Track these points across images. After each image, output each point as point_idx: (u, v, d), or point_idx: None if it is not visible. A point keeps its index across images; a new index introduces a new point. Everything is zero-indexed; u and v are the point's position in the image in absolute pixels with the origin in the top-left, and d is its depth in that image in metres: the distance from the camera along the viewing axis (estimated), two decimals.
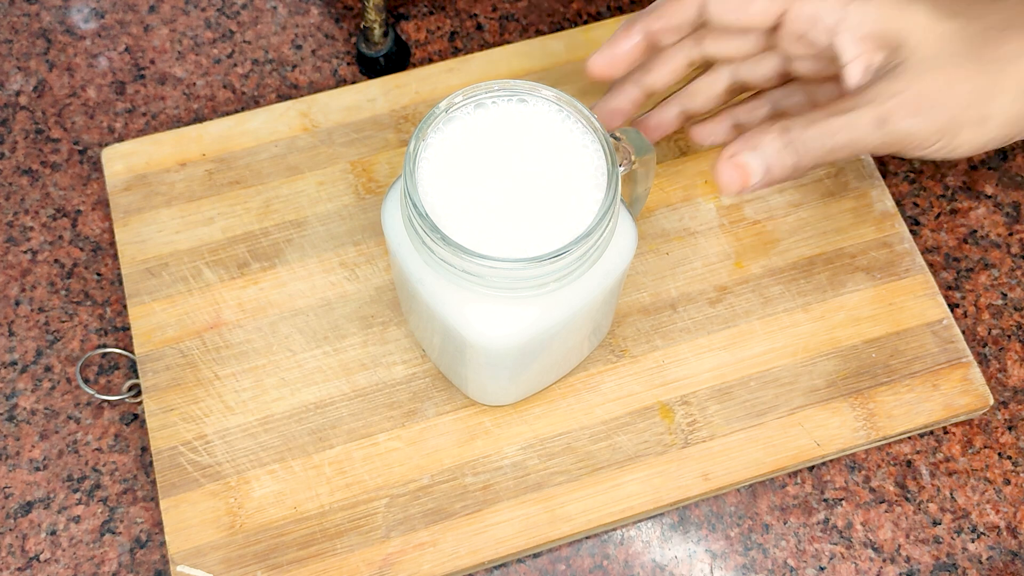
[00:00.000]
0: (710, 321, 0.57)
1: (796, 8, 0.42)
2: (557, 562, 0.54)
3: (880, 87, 0.40)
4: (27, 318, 0.59)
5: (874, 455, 0.57)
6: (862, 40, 0.41)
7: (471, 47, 0.67)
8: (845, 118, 0.40)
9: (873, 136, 0.40)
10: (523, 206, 0.46)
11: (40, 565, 0.54)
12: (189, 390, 0.55)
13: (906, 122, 0.40)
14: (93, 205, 0.62)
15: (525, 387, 0.54)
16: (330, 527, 0.53)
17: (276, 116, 0.62)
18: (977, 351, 0.59)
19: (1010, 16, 0.41)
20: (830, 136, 0.40)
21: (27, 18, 0.68)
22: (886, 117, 0.40)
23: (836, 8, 0.41)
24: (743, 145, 0.41)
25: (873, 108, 0.40)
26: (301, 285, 0.58)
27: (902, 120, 0.40)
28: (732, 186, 0.41)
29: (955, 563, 0.54)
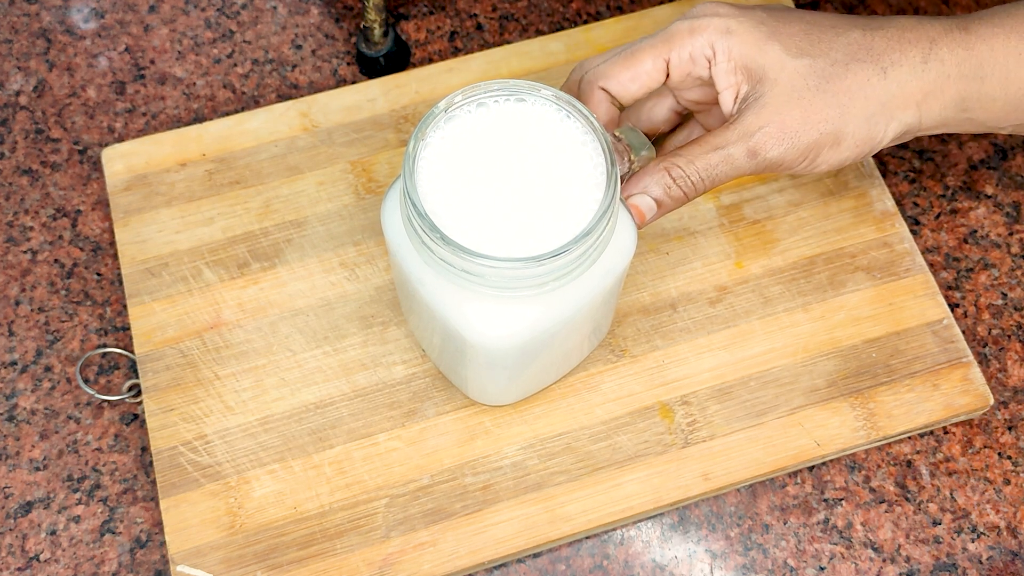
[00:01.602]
0: (710, 321, 0.57)
1: (675, 55, 0.48)
2: (557, 562, 0.54)
3: (748, 121, 0.47)
4: (27, 318, 0.59)
5: (874, 455, 0.57)
6: (732, 72, 0.47)
7: (471, 47, 0.67)
8: (722, 153, 0.47)
9: (747, 165, 0.47)
10: (523, 205, 0.46)
11: (40, 565, 0.54)
12: (189, 390, 0.56)
13: (773, 151, 0.47)
14: (93, 205, 0.62)
15: (525, 387, 0.54)
16: (330, 527, 0.53)
17: (276, 116, 0.62)
18: (977, 351, 0.59)
19: (851, 51, 0.47)
20: (711, 170, 0.47)
21: (27, 18, 0.68)
22: (756, 149, 0.47)
23: (705, 43, 0.48)
24: (635, 188, 0.48)
25: (744, 142, 0.47)
26: (301, 285, 0.58)
27: (770, 150, 0.47)
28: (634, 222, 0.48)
29: (955, 563, 0.54)
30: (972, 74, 0.47)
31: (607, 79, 0.49)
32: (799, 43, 0.47)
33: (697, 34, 0.47)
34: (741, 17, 0.48)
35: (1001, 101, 0.48)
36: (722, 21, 0.47)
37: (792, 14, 0.48)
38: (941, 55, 0.47)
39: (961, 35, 0.47)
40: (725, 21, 0.47)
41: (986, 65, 0.47)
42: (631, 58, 0.48)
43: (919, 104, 0.48)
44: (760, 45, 0.47)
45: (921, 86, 0.47)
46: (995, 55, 0.47)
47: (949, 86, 0.47)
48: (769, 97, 0.47)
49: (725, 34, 0.47)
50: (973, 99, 0.48)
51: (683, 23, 0.48)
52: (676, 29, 0.48)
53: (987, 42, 0.47)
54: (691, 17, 0.48)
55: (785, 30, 0.47)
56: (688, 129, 0.56)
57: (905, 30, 0.47)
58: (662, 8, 0.65)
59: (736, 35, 0.47)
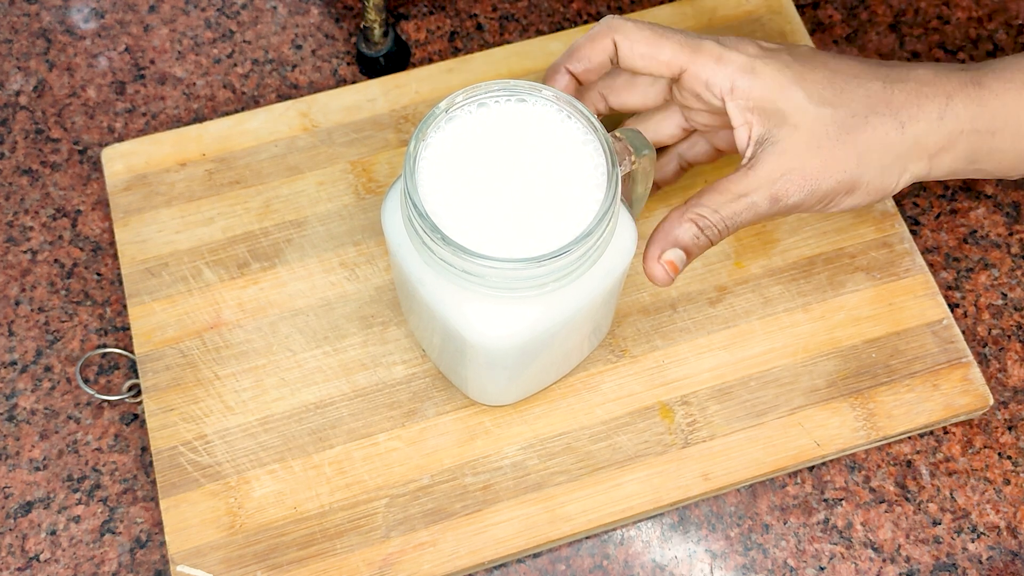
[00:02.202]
0: (710, 321, 0.57)
1: (693, 69, 0.48)
2: (557, 562, 0.54)
3: (769, 167, 0.47)
4: (27, 318, 0.59)
5: (874, 455, 0.57)
6: (748, 111, 0.48)
7: (471, 47, 0.67)
8: (746, 201, 0.47)
9: (769, 210, 0.48)
10: (523, 206, 0.46)
11: (40, 565, 0.54)
12: (189, 390, 0.55)
13: (794, 197, 0.48)
14: (93, 205, 0.62)
15: (525, 387, 0.54)
16: (330, 527, 0.53)
17: (276, 116, 0.62)
18: (977, 351, 0.59)
19: (871, 103, 0.48)
20: (735, 217, 0.48)
21: (27, 18, 0.68)
22: (778, 196, 0.48)
23: (726, 78, 0.48)
24: (664, 243, 0.48)
25: (767, 189, 0.47)
26: (301, 285, 0.58)
27: (791, 197, 0.48)
28: (665, 279, 0.48)
29: (955, 563, 0.54)
30: (985, 128, 0.48)
31: (624, 37, 0.49)
32: (822, 91, 0.48)
33: (722, 64, 0.48)
34: (767, 59, 0.48)
35: (1011, 154, 0.49)
36: (748, 61, 0.48)
37: (816, 59, 0.49)
38: (956, 111, 0.48)
39: (975, 90, 0.48)
40: (751, 61, 0.48)
41: (998, 120, 0.48)
42: (658, 38, 0.49)
43: (932, 156, 0.49)
44: (783, 90, 0.48)
45: (936, 140, 0.48)
46: (1007, 110, 0.48)
47: (962, 140, 0.48)
48: (789, 143, 0.47)
49: (749, 73, 0.48)
50: (984, 152, 0.49)
51: (714, 47, 0.48)
52: (707, 48, 0.48)
53: (1000, 97, 0.48)
54: (722, 44, 0.49)
55: (809, 76, 0.48)
56: (692, 140, 0.56)
57: (923, 84, 0.48)
58: (662, 8, 0.65)
59: (760, 77, 0.48)
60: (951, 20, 0.68)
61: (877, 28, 0.68)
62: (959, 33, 0.68)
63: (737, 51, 0.48)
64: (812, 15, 0.68)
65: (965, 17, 0.68)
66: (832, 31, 0.68)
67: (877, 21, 0.68)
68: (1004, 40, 0.68)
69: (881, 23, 0.68)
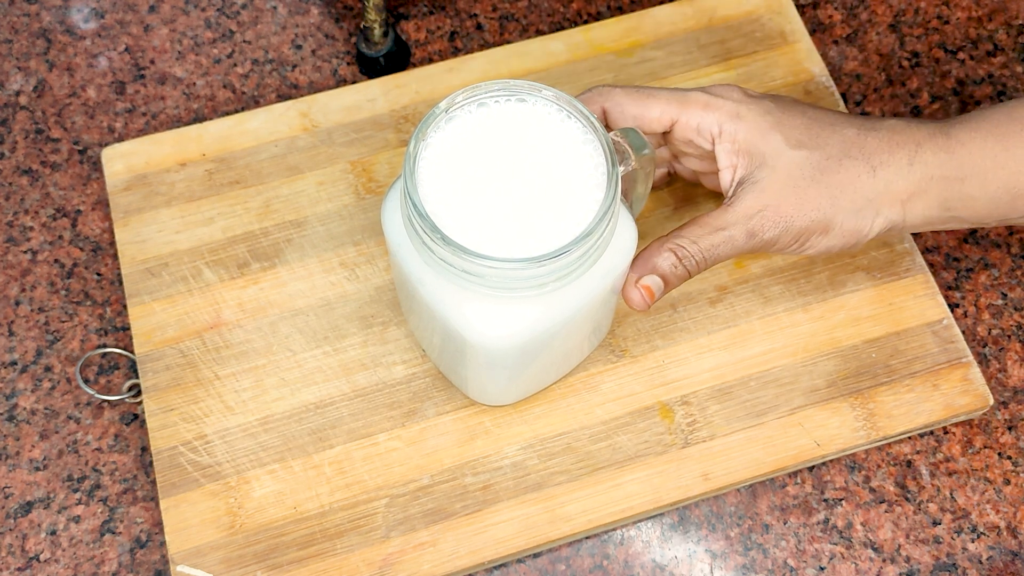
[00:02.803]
0: (710, 321, 0.57)
1: (683, 119, 0.51)
2: (557, 562, 0.54)
3: (747, 203, 0.50)
4: (27, 318, 0.59)
5: (874, 455, 0.57)
6: (734, 154, 0.51)
7: (471, 47, 0.67)
8: (724, 235, 0.50)
9: (746, 245, 0.50)
10: (523, 206, 0.46)
11: (40, 565, 0.54)
12: (189, 390, 0.55)
13: (769, 233, 0.50)
14: (93, 205, 0.62)
15: (525, 387, 0.54)
16: (330, 527, 0.53)
17: (276, 116, 0.62)
18: (977, 351, 0.59)
19: (845, 147, 0.50)
20: (713, 250, 0.50)
21: (27, 18, 0.68)
22: (754, 231, 0.50)
23: (715, 122, 0.51)
24: (643, 269, 0.50)
25: (744, 224, 0.50)
26: (301, 285, 0.58)
27: (766, 232, 0.50)
28: (641, 304, 0.51)
29: (955, 563, 0.54)
30: (953, 175, 0.50)
31: (614, 103, 0.52)
32: (799, 135, 0.50)
33: (711, 110, 0.51)
34: (751, 104, 0.51)
35: (982, 200, 0.50)
36: (734, 106, 0.51)
37: (796, 107, 0.52)
38: (925, 158, 0.50)
39: (943, 139, 0.50)
40: (736, 106, 0.51)
41: (966, 167, 0.50)
42: (645, 98, 0.52)
43: (904, 203, 0.50)
44: (764, 133, 0.50)
45: (907, 186, 0.50)
46: (973, 158, 0.50)
47: (932, 187, 0.50)
48: (767, 183, 0.50)
49: (734, 118, 0.51)
50: (955, 199, 0.50)
51: (701, 95, 0.51)
52: (694, 98, 0.51)
53: (966, 146, 0.50)
54: (709, 92, 0.52)
55: (788, 122, 0.51)
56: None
57: (895, 132, 0.51)
58: (662, 8, 0.65)
59: (744, 121, 0.51)
60: (951, 20, 0.68)
61: (877, 28, 0.68)
62: (959, 33, 0.68)
63: (723, 98, 0.51)
64: (812, 15, 0.68)
65: (965, 17, 0.68)
66: (832, 31, 0.68)
67: (877, 21, 0.68)
68: (1004, 40, 0.68)
69: (881, 23, 0.68)
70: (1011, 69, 0.67)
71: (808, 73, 0.64)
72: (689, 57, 0.64)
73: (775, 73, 0.64)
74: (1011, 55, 0.67)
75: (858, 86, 0.66)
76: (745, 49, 0.64)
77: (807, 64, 0.64)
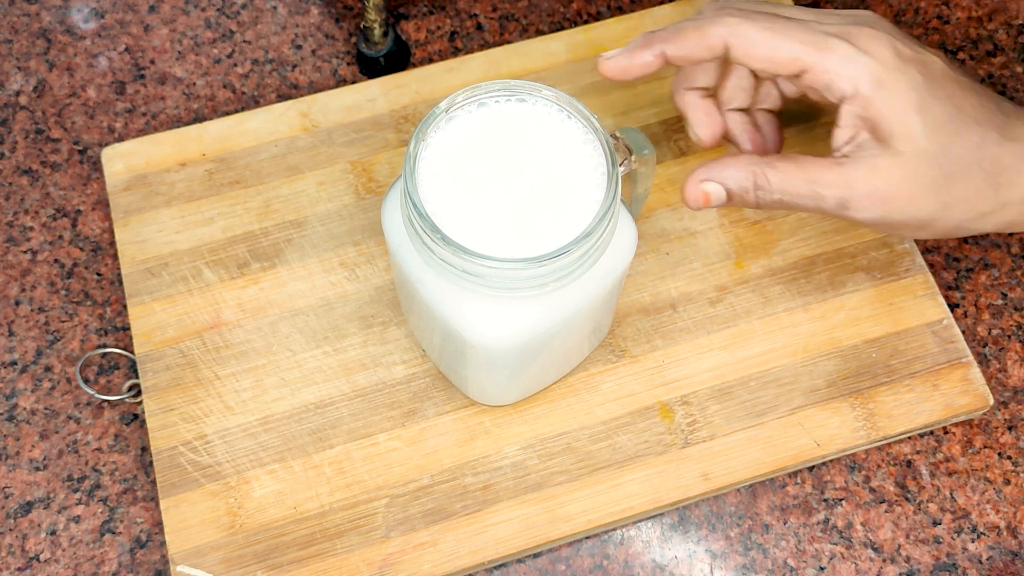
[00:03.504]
0: (710, 321, 0.57)
1: (816, 71, 0.46)
2: (557, 562, 0.54)
3: (855, 175, 0.46)
4: (27, 318, 0.59)
5: (874, 455, 0.57)
6: (861, 119, 0.46)
7: (471, 47, 0.67)
8: (815, 190, 0.46)
9: (830, 210, 0.47)
10: (523, 206, 0.46)
11: (40, 565, 0.54)
12: (189, 390, 0.56)
13: (863, 214, 0.47)
14: (93, 205, 0.62)
15: (525, 387, 0.54)
16: (330, 527, 0.53)
17: (276, 116, 0.62)
18: (977, 351, 0.59)
19: (978, 156, 0.46)
20: (794, 198, 0.46)
21: (27, 18, 0.68)
22: (848, 204, 0.46)
23: (850, 83, 0.46)
24: (715, 175, 0.47)
25: (841, 191, 0.46)
26: (301, 285, 0.58)
27: (860, 212, 0.46)
28: (695, 203, 0.48)
29: (955, 563, 0.54)
30: None
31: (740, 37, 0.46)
32: (939, 127, 0.46)
33: (851, 66, 0.45)
34: (899, 72, 0.45)
35: None
36: (879, 70, 0.45)
37: (946, 85, 0.46)
38: None
39: None
40: (882, 71, 0.45)
41: None
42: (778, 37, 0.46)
43: (1012, 219, 0.48)
44: (903, 114, 0.45)
45: (1021, 210, 0.47)
46: None
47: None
48: (885, 169, 0.46)
49: (876, 85, 0.45)
50: None
51: (844, 46, 0.45)
52: (834, 47, 0.46)
53: None
54: (853, 42, 0.46)
55: (933, 107, 0.46)
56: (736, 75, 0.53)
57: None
58: (662, 8, 0.65)
59: (885, 90, 0.45)
60: (951, 20, 0.68)
61: None
62: (959, 33, 0.68)
63: (869, 55, 0.45)
64: None
65: (965, 17, 0.68)
66: None
67: None
68: (1004, 40, 0.68)
69: None
70: (1011, 69, 0.67)
71: None
72: None
73: None
74: (1011, 55, 0.67)
75: None
76: None
77: None
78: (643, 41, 0.48)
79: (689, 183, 0.48)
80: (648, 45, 0.48)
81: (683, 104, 0.53)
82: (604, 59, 0.48)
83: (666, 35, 0.48)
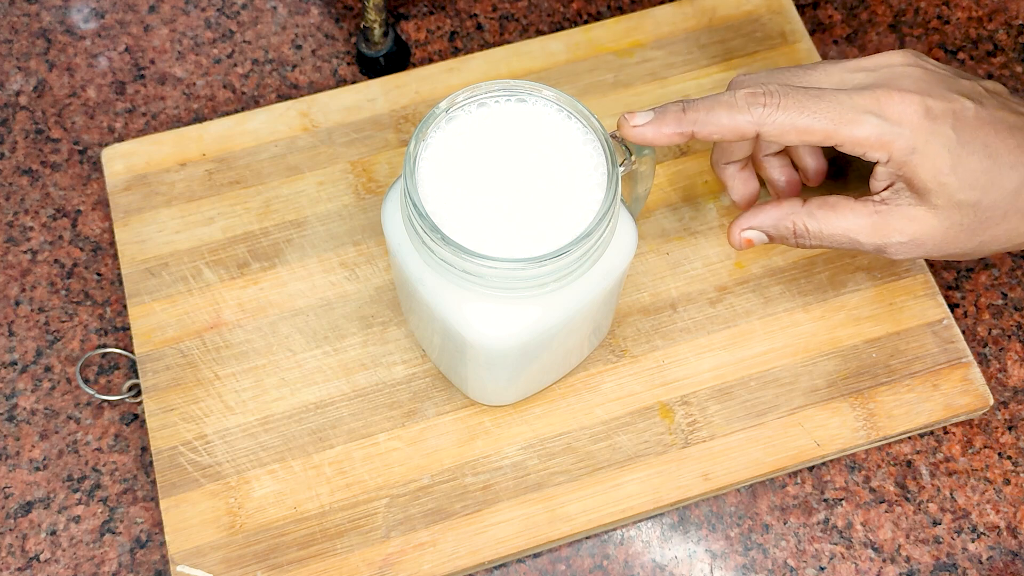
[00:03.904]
0: (710, 321, 0.57)
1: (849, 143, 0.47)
2: (557, 562, 0.54)
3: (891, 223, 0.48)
4: (27, 318, 0.59)
5: (874, 455, 0.57)
6: (896, 177, 0.48)
7: (471, 47, 0.67)
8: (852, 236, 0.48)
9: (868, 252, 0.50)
10: (523, 206, 0.46)
11: (40, 565, 0.54)
12: (189, 390, 0.55)
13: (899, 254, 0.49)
14: (93, 205, 0.62)
15: (525, 387, 0.54)
16: (330, 527, 0.53)
17: (276, 116, 0.62)
18: (977, 351, 0.59)
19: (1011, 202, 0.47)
20: (832, 239, 0.49)
21: (27, 18, 0.68)
22: (885, 249, 0.49)
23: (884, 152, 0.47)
24: (757, 223, 0.50)
25: (880, 239, 0.48)
26: (301, 285, 0.58)
27: (897, 253, 0.49)
28: (737, 246, 0.52)
29: (955, 563, 0.54)
30: None
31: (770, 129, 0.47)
32: (973, 182, 0.47)
33: (881, 139, 0.46)
34: (929, 136, 0.46)
35: None
36: (910, 138, 0.46)
37: (977, 136, 0.47)
38: None
39: None
40: (911, 138, 0.46)
41: None
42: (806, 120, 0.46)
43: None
44: (937, 174, 0.47)
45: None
46: None
47: None
48: (921, 216, 0.47)
49: (907, 152, 0.46)
50: None
51: (874, 123, 0.46)
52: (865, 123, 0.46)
53: None
54: (883, 116, 0.46)
55: (966, 162, 0.46)
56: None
57: None
58: (662, 8, 0.65)
59: (919, 155, 0.46)
60: (951, 20, 0.68)
61: (877, 28, 0.68)
62: (959, 33, 0.68)
63: (900, 125, 0.46)
64: (812, 15, 0.68)
65: (965, 17, 0.68)
66: (832, 31, 0.68)
67: (877, 21, 0.68)
68: (1004, 40, 0.68)
69: (881, 23, 0.68)
70: (1011, 69, 0.67)
71: None
72: (689, 57, 0.64)
73: None
74: (1011, 55, 0.67)
75: None
76: (745, 49, 0.64)
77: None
78: (673, 119, 0.48)
79: (732, 229, 0.51)
80: (678, 124, 0.48)
81: (723, 176, 0.56)
82: (631, 124, 0.48)
83: (696, 116, 0.48)
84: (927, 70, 0.49)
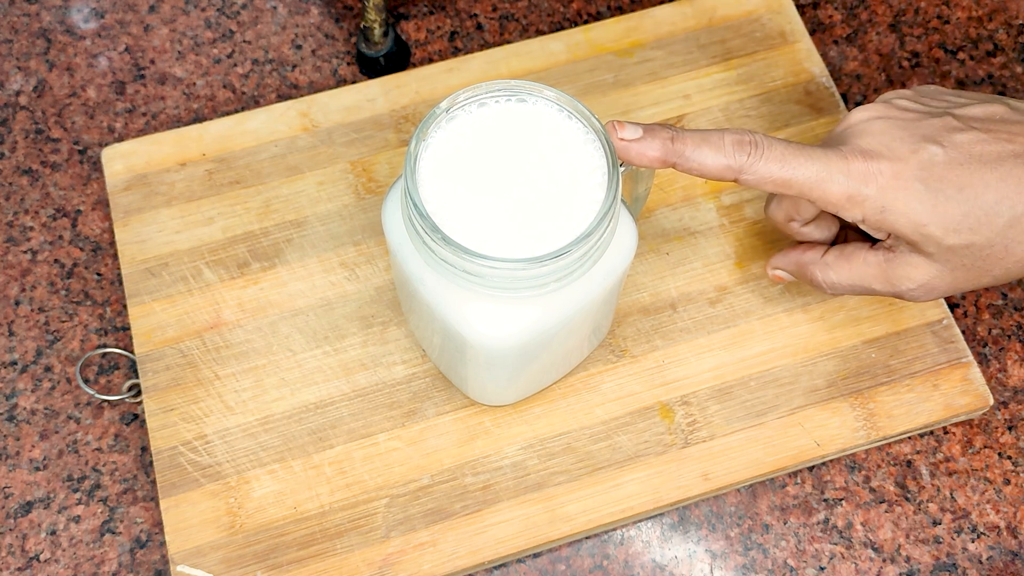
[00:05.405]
0: (710, 321, 0.57)
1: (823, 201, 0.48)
2: (557, 562, 0.54)
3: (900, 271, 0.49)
4: (27, 318, 0.59)
5: (874, 455, 0.57)
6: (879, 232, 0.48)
7: (471, 47, 0.67)
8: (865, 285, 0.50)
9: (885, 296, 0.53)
10: (523, 206, 0.46)
11: (40, 565, 0.54)
12: (189, 390, 0.55)
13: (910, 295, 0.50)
14: (93, 205, 0.62)
15: (525, 387, 0.54)
16: (330, 527, 0.53)
17: (276, 116, 0.62)
18: (977, 351, 0.59)
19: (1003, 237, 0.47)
20: (847, 288, 0.51)
21: (27, 18, 0.68)
22: (898, 294, 0.50)
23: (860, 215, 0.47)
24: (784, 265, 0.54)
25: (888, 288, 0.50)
26: (301, 285, 0.58)
27: (908, 294, 0.49)
28: (773, 281, 0.56)
29: (955, 563, 0.55)
30: None
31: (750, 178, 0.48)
32: (957, 228, 0.46)
33: (853, 206, 0.47)
34: (899, 193, 0.46)
35: None
36: (877, 198, 0.47)
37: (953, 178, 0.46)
38: None
39: None
40: (880, 198, 0.47)
41: None
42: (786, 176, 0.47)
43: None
44: (916, 227, 0.47)
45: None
46: None
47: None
48: (921, 263, 0.48)
49: (880, 212, 0.47)
50: None
51: (843, 184, 0.46)
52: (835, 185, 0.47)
53: None
54: (851, 175, 0.47)
55: (945, 211, 0.46)
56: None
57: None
58: (662, 8, 0.65)
59: (891, 213, 0.47)
60: (951, 20, 0.68)
61: (877, 28, 0.68)
62: (959, 33, 0.68)
63: (869, 184, 0.46)
64: (812, 15, 0.68)
65: (965, 17, 0.68)
66: (832, 31, 0.68)
67: (877, 21, 0.68)
68: (1004, 40, 0.68)
69: (881, 23, 0.68)
70: (1011, 69, 0.67)
71: (808, 73, 0.64)
72: (689, 57, 0.64)
73: (775, 73, 0.64)
74: (1011, 55, 0.67)
75: (858, 86, 0.66)
76: (745, 49, 0.64)
77: (807, 64, 0.64)
78: (660, 146, 0.47)
79: (768, 266, 0.55)
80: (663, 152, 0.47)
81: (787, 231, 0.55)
82: (618, 136, 0.47)
83: (682, 150, 0.47)
84: (892, 120, 0.48)
